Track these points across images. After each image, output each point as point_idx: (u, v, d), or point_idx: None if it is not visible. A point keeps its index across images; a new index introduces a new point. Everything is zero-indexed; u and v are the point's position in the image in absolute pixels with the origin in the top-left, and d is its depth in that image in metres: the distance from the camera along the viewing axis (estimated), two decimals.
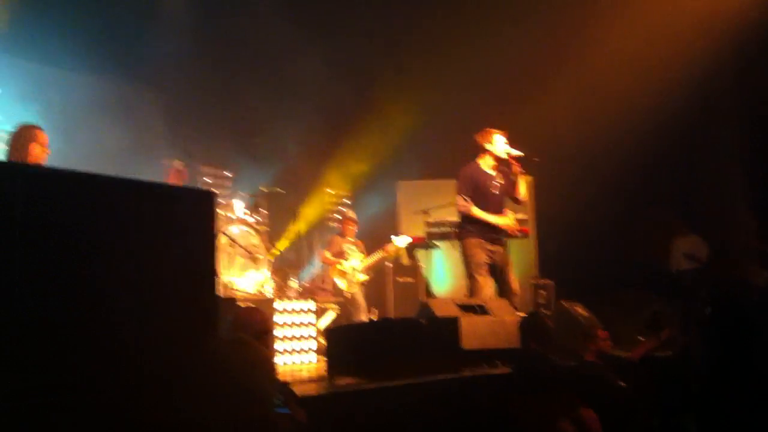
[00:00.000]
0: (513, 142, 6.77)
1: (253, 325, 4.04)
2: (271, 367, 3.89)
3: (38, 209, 2.53)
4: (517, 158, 6.65)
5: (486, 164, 6.78)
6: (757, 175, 9.68)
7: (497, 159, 6.76)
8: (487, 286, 6.57)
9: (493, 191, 6.73)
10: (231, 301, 6.00)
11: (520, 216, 8.06)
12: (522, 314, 6.01)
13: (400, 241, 8.67)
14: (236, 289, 7.19)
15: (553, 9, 9.58)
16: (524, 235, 9.20)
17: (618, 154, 9.51)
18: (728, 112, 10.09)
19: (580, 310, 6.32)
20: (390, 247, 8.65)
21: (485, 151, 6.77)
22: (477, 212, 6.62)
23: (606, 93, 9.32)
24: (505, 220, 6.72)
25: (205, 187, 7.92)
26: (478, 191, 6.68)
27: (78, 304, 2.57)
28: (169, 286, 2.82)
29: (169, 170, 7.55)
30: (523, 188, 6.84)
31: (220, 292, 6.79)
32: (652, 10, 9.02)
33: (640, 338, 6.31)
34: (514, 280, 6.71)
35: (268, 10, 10.28)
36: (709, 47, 8.81)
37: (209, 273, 3.05)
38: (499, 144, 6.72)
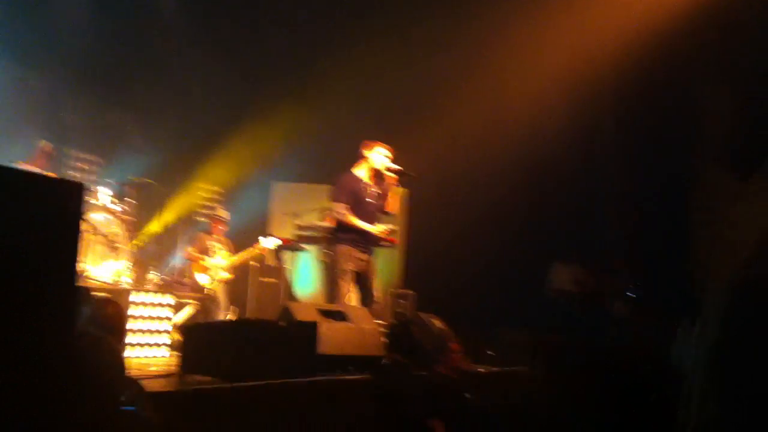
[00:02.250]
0: (396, 159, 6.87)
1: (106, 318, 3.93)
2: (121, 365, 3.78)
3: None
4: (393, 171, 6.77)
5: (362, 172, 6.86)
6: (630, 224, 10.23)
7: (373, 169, 6.86)
8: (351, 293, 6.65)
9: (368, 200, 6.82)
10: (86, 291, 5.80)
11: (390, 226, 8.22)
12: (381, 322, 6.13)
13: (268, 242, 8.62)
14: (91, 278, 6.95)
15: (444, 29, 9.80)
16: (392, 245, 9.38)
17: (499, 184, 9.76)
18: (609, 154, 10.59)
19: (436, 322, 6.48)
20: (257, 248, 8.60)
21: (363, 158, 6.85)
22: (353, 220, 6.67)
23: (495, 122, 9.59)
24: (378, 228, 6.82)
25: (73, 175, 7.76)
26: (354, 199, 6.74)
27: None
28: (25, 279, 2.71)
29: (37, 151, 7.40)
30: (393, 201, 6.96)
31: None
32: (540, 46, 9.33)
33: (490, 353, 6.60)
34: (378, 289, 6.84)
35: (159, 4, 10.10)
36: (594, 89, 9.19)
37: (70, 267, 2.95)
38: (378, 156, 6.81)
